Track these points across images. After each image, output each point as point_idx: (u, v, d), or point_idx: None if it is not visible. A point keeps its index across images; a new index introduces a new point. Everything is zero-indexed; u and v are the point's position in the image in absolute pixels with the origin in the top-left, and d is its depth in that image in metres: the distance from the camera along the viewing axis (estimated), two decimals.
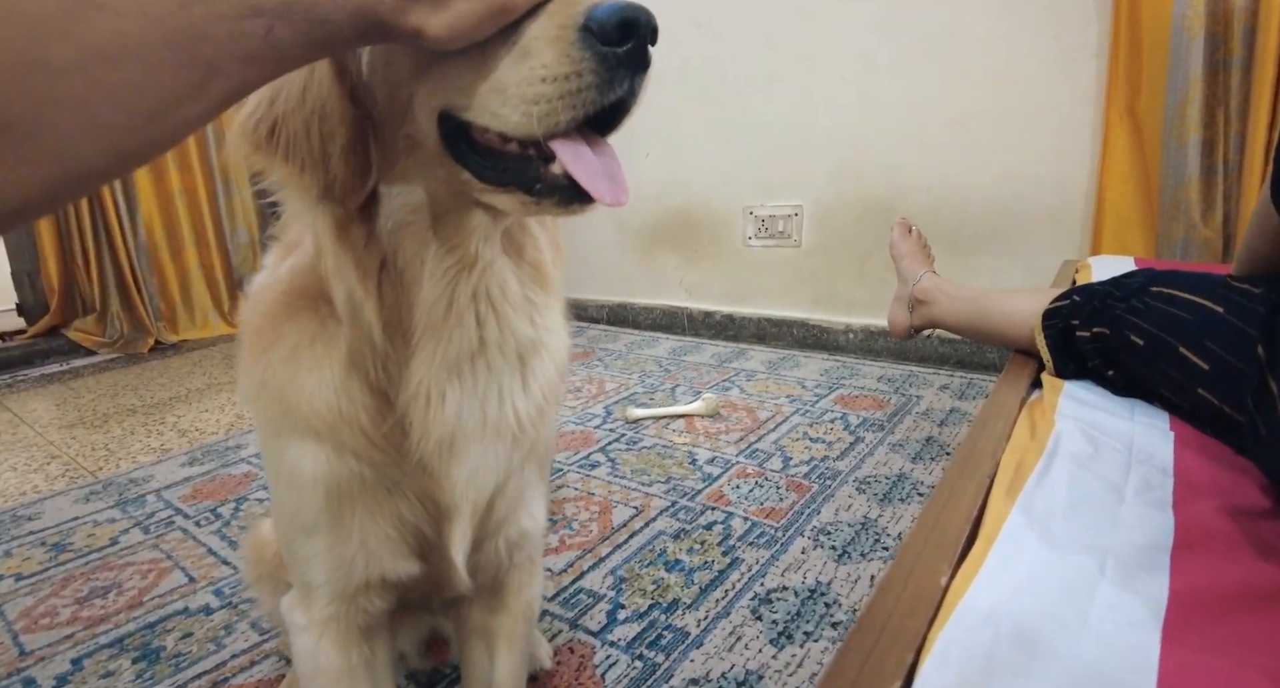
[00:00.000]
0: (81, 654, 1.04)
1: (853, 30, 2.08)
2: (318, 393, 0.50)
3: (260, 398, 0.52)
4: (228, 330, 3.24)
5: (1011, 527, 0.50)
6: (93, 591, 1.20)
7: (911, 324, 1.38)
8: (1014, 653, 0.37)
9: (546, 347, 0.55)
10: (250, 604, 1.13)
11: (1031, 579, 0.44)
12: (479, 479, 0.54)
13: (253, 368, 0.52)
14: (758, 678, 0.90)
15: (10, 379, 2.71)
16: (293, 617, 0.58)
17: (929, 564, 0.47)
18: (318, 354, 0.50)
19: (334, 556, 0.53)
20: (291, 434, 0.51)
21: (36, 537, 1.40)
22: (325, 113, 0.42)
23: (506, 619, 0.67)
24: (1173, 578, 0.44)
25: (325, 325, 0.50)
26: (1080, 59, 1.80)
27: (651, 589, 1.09)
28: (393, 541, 0.54)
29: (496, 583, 0.66)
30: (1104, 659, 0.37)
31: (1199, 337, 0.73)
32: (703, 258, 2.56)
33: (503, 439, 0.54)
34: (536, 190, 0.43)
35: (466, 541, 0.56)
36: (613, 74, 0.38)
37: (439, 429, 0.50)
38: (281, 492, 0.54)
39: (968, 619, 0.40)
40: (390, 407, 0.50)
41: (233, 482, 1.60)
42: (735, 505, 1.33)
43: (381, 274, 0.47)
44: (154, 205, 3.05)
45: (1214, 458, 0.64)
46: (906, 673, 0.38)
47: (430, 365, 0.49)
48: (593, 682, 0.91)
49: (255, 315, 0.54)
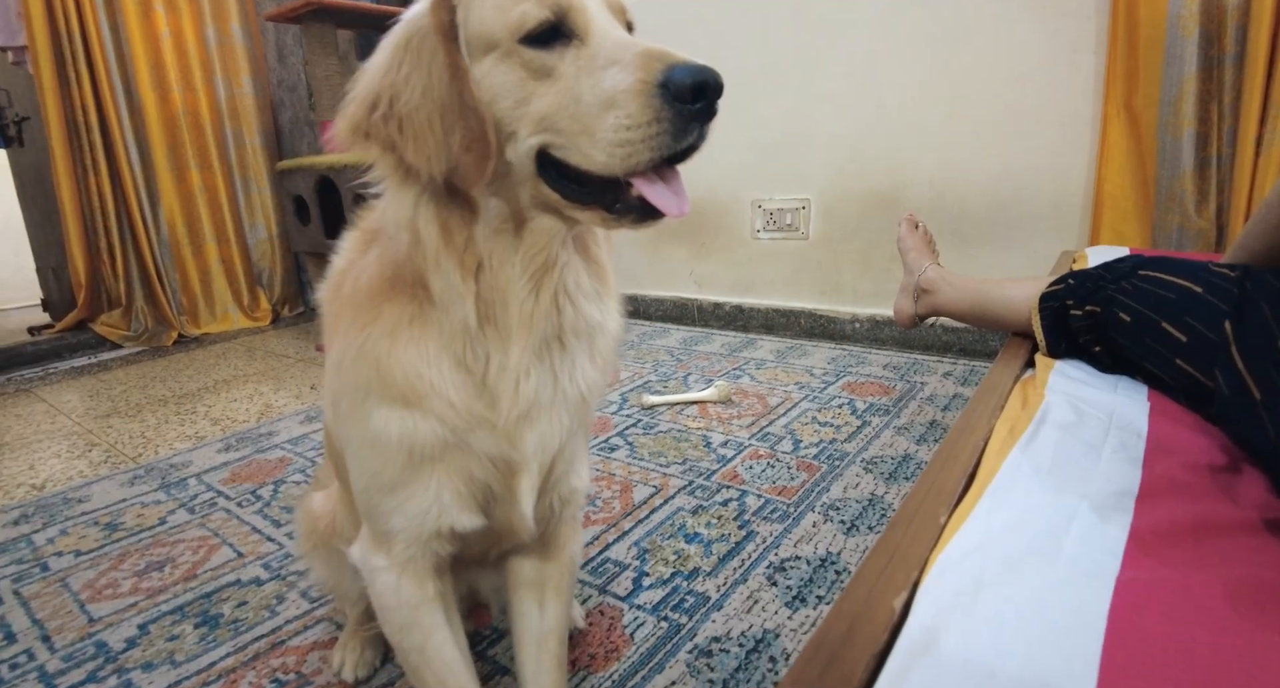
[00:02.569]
0: (146, 621, 1.12)
1: (853, 26, 2.14)
2: (411, 366, 0.57)
3: (357, 367, 0.59)
4: (247, 324, 3.33)
5: (1001, 479, 0.58)
6: (149, 565, 1.28)
7: (916, 313, 1.45)
8: (1000, 572, 0.45)
9: (605, 328, 0.64)
10: (298, 576, 1.21)
11: (1017, 519, 0.52)
12: (546, 442, 0.62)
13: (352, 340, 0.59)
14: (775, 636, 0.98)
15: (41, 372, 2.80)
16: (372, 561, 0.66)
17: (930, 508, 0.55)
18: (414, 333, 0.57)
19: (412, 507, 0.61)
20: (381, 400, 0.58)
21: (89, 517, 1.48)
22: (446, 108, 0.50)
23: (555, 570, 0.75)
24: (1136, 517, 0.52)
25: (421, 309, 0.57)
26: (1079, 55, 1.86)
27: (673, 559, 1.17)
28: (462, 496, 0.62)
29: (546, 537, 0.73)
30: (1073, 575, 0.44)
31: (1179, 313, 0.81)
32: (712, 250, 2.63)
33: (567, 408, 0.62)
34: (616, 209, 0.52)
35: (533, 493, 0.64)
36: (686, 124, 0.47)
37: (523, 403, 0.59)
38: (365, 451, 0.61)
39: (962, 548, 0.48)
40: (472, 381, 0.58)
41: (269, 466, 1.68)
42: (749, 484, 1.41)
43: (479, 273, 0.55)
44: (176, 202, 3.13)
45: (1184, 425, 0.72)
46: (911, 587, 0.45)
47: (524, 352, 0.58)
48: (623, 640, 0.99)
49: (353, 294, 0.60)
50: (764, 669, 0.92)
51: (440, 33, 0.50)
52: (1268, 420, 0.63)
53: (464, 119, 0.49)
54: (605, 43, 0.49)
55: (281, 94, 3.33)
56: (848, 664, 0.39)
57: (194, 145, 3.16)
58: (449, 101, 0.49)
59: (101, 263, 3.01)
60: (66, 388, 2.54)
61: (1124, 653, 0.37)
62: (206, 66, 3.16)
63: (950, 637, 0.39)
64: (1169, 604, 0.41)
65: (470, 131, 0.49)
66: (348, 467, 0.67)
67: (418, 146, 0.50)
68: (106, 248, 2.99)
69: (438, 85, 0.49)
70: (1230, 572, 0.44)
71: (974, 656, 0.38)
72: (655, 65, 0.46)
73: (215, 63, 3.18)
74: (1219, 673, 0.36)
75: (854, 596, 0.44)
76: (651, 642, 0.98)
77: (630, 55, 0.48)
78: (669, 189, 0.50)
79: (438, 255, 0.55)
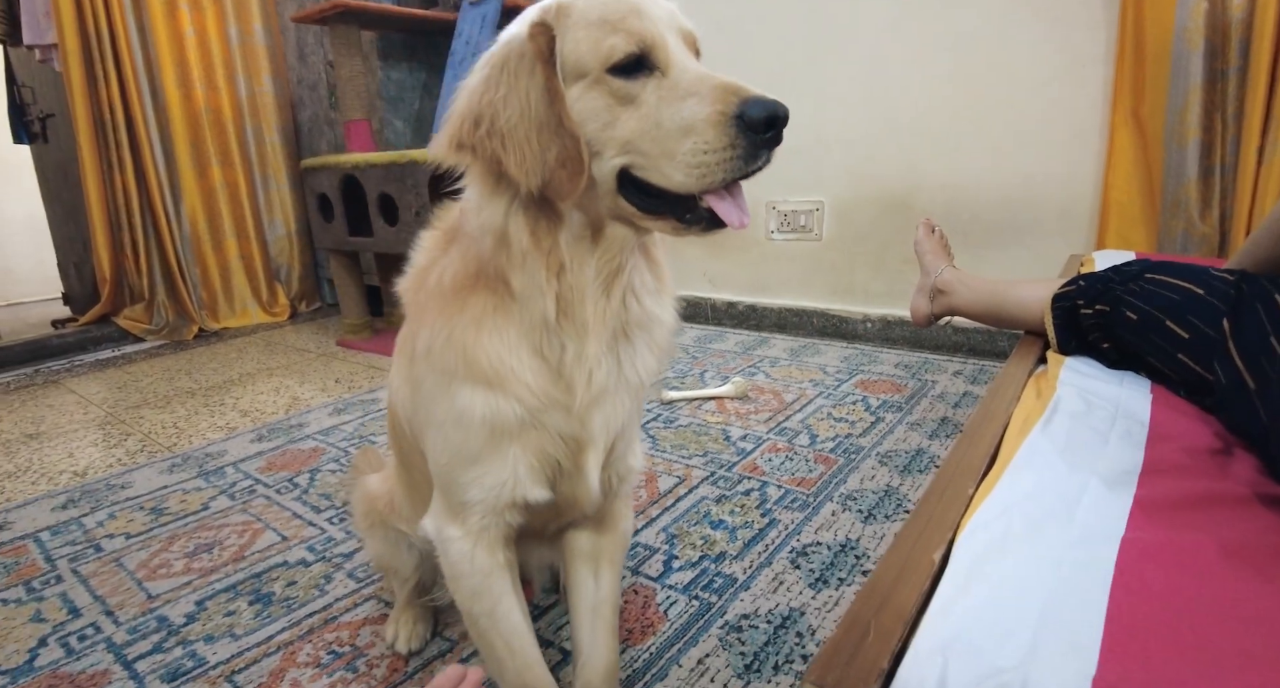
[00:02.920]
0: (202, 597, 1.18)
1: (867, 35, 2.21)
2: (495, 352, 0.64)
3: (445, 352, 0.65)
4: (266, 319, 3.39)
5: (1020, 458, 0.65)
6: (197, 547, 1.34)
7: (932, 312, 1.52)
8: (1022, 532, 0.52)
9: (663, 321, 0.71)
10: (344, 558, 1.27)
11: (1035, 490, 0.59)
12: (610, 423, 0.69)
13: (440, 328, 0.65)
14: (800, 614, 1.04)
15: (67, 364, 2.86)
16: (447, 531, 0.72)
17: (959, 482, 0.62)
18: (496, 323, 0.64)
19: (491, 479, 0.67)
20: (465, 382, 0.65)
21: (134, 502, 1.55)
22: (543, 127, 0.56)
23: (609, 542, 0.82)
24: (1139, 489, 0.59)
25: (502, 302, 0.64)
26: (1088, 65, 1.92)
27: (700, 544, 1.24)
28: (534, 470, 0.68)
29: (602, 511, 0.80)
30: (1084, 535, 0.51)
31: (1182, 312, 0.88)
32: (726, 251, 2.70)
33: (629, 392, 0.69)
34: (686, 219, 0.59)
35: (598, 467, 0.71)
36: (756, 151, 0.54)
37: (595, 389, 0.66)
38: (448, 428, 0.68)
39: (989, 513, 0.55)
40: (547, 368, 0.65)
41: (303, 455, 1.74)
42: (769, 476, 1.47)
43: (560, 274, 0.62)
44: (197, 198, 3.19)
45: (1183, 414, 0.79)
46: (947, 544, 0.53)
47: (598, 344, 0.65)
48: (658, 616, 1.05)
49: (438, 287, 0.67)
50: (791, 643, 0.98)
51: (540, 58, 0.56)
52: (1260, 407, 0.70)
53: (559, 138, 0.55)
54: (685, 76, 0.56)
55: (301, 92, 3.39)
56: (899, 603, 0.45)
57: (216, 142, 3.22)
58: (546, 121, 0.55)
59: (125, 258, 3.07)
60: (93, 380, 2.61)
61: (1128, 596, 0.44)
62: (229, 65, 3.22)
63: (982, 583, 0.46)
64: (1167, 558, 0.48)
65: (565, 150, 0.55)
66: (427, 443, 0.73)
67: (518, 161, 0.56)
68: (130, 243, 3.05)
69: (535, 106, 0.56)
70: (1222, 534, 0.50)
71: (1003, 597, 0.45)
72: (731, 98, 0.53)
73: (237, 61, 3.23)
74: (1210, 612, 0.43)
75: (899, 550, 0.51)
76: (685, 618, 1.05)
77: (707, 88, 0.54)
78: (734, 203, 0.57)
79: (525, 257, 0.61)
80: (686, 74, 0.56)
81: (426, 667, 0.99)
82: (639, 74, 0.56)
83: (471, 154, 0.58)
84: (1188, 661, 0.38)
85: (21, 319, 3.78)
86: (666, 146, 0.55)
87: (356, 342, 2.82)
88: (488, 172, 0.59)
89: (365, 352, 2.73)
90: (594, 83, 0.57)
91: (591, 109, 0.57)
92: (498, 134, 0.56)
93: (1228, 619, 0.42)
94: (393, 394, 0.84)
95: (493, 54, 0.59)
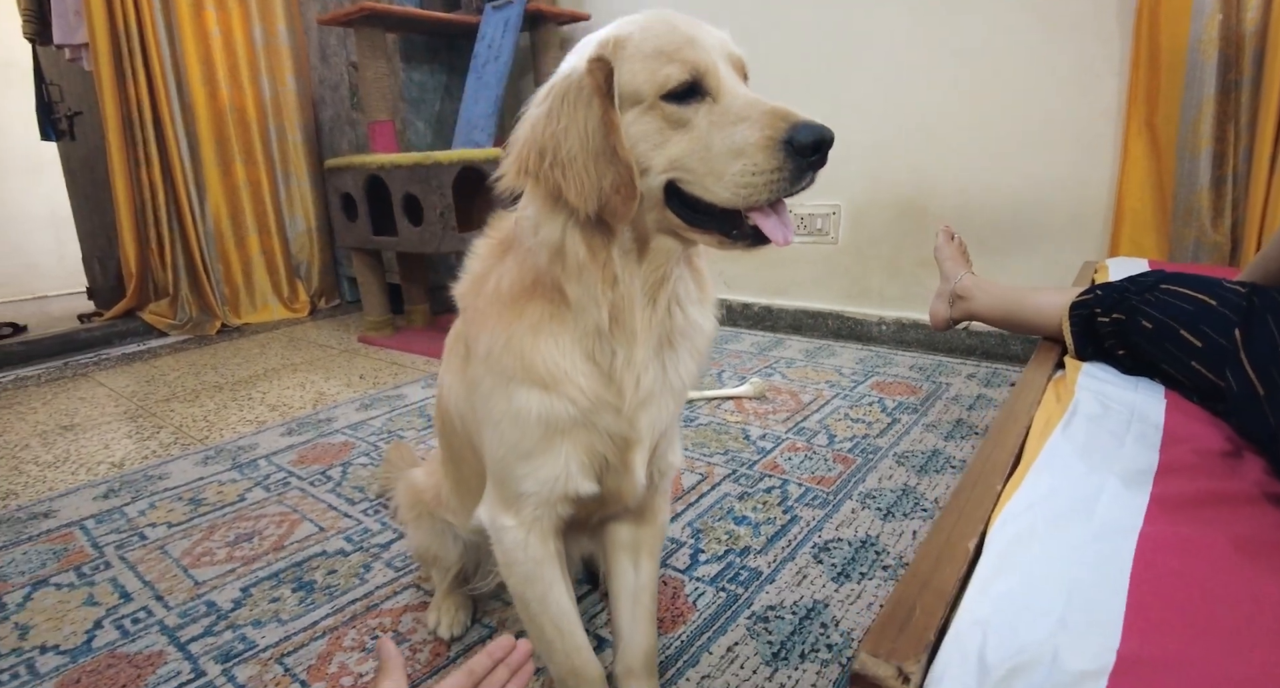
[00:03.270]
0: (247, 584, 1.23)
1: (884, 42, 2.25)
2: (550, 357, 0.68)
3: (504, 356, 0.70)
4: (286, 315, 3.45)
5: (1044, 458, 0.70)
6: (238, 536, 1.39)
7: (951, 317, 1.56)
8: (1047, 526, 0.57)
9: (703, 329, 0.76)
10: (381, 548, 1.32)
11: (1058, 488, 0.64)
12: (656, 423, 0.74)
13: (499, 333, 0.70)
14: (824, 606, 1.08)
15: (95, 357, 2.92)
16: (501, 521, 0.77)
17: (988, 479, 0.66)
18: (552, 330, 0.69)
19: (544, 473, 0.72)
20: (523, 383, 0.69)
21: (172, 493, 1.60)
22: (599, 156, 0.60)
23: (648, 534, 0.87)
24: (1155, 488, 0.63)
25: (557, 310, 0.69)
26: (1103, 75, 1.96)
27: (725, 538, 1.28)
28: (584, 466, 0.73)
29: (643, 505, 0.85)
30: (1104, 530, 0.56)
31: (1196, 322, 0.92)
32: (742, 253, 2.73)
33: (672, 396, 0.74)
34: (733, 234, 0.63)
35: (644, 464, 0.76)
36: (802, 173, 0.58)
37: (643, 392, 0.71)
38: (505, 426, 0.72)
39: (1016, 507, 0.60)
40: (599, 372, 0.69)
41: (334, 449, 1.79)
42: (789, 474, 1.52)
43: (613, 285, 0.66)
44: (221, 195, 3.25)
45: (1196, 418, 0.83)
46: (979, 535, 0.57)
47: (645, 351, 0.70)
48: (687, 606, 1.10)
49: (496, 295, 0.72)
50: (816, 633, 1.02)
51: (597, 91, 0.60)
52: (1270, 413, 0.75)
53: (614, 166, 0.60)
54: (735, 101, 0.60)
55: (323, 92, 3.44)
56: (939, 585, 0.50)
57: (239, 140, 3.28)
58: (602, 150, 0.60)
59: (150, 253, 3.13)
60: (121, 373, 2.66)
61: (1146, 581, 0.49)
62: (253, 65, 3.28)
63: (1013, 570, 0.51)
64: (1182, 549, 0.53)
65: (620, 177, 0.60)
66: (483, 439, 0.77)
67: (578, 188, 0.60)
68: (156, 238, 3.11)
69: (593, 137, 0.60)
70: (1233, 529, 0.55)
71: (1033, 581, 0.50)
72: (781, 123, 0.57)
73: (261, 61, 3.29)
74: (1223, 596, 0.48)
75: (936, 540, 0.56)
76: (713, 609, 1.09)
77: (758, 113, 0.58)
78: (780, 221, 0.61)
79: (581, 270, 0.66)
80: (737, 100, 0.60)
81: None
82: (691, 100, 0.61)
83: (535, 181, 0.63)
84: (1203, 636, 0.43)
85: (46, 313, 3.85)
86: (715, 167, 0.59)
87: (378, 339, 2.87)
88: (548, 195, 0.64)
89: (387, 348, 2.79)
90: (648, 109, 0.61)
91: (645, 132, 0.61)
92: (559, 165, 0.61)
93: (1240, 601, 0.46)
94: (444, 392, 0.89)
95: (554, 86, 0.64)
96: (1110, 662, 0.41)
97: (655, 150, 0.62)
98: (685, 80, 0.60)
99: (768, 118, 0.58)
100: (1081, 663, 0.42)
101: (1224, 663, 0.41)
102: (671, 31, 0.62)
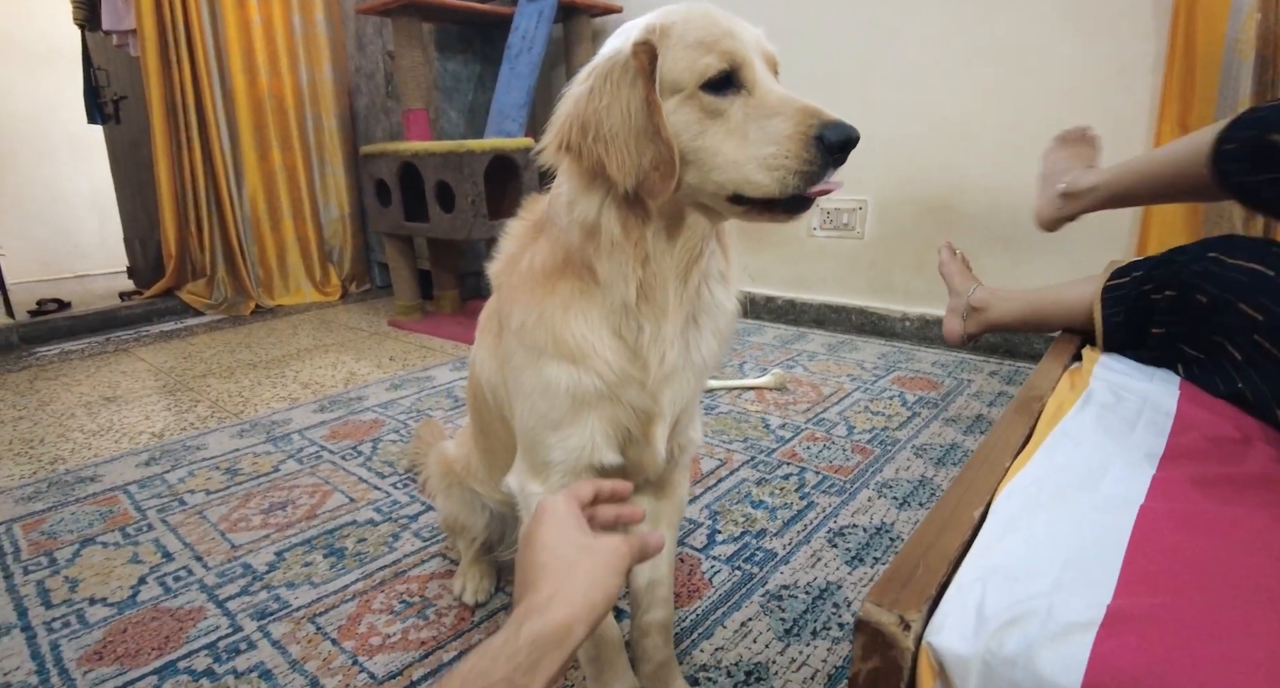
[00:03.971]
0: (281, 549, 1.29)
1: (914, 43, 2.25)
2: (579, 332, 0.72)
3: (536, 330, 0.73)
4: (318, 298, 3.53)
5: (1052, 439, 0.72)
6: (272, 505, 1.45)
7: (967, 332, 1.56)
8: (1051, 498, 0.59)
9: (726, 308, 0.79)
10: (409, 519, 1.37)
11: (1065, 465, 0.66)
12: (677, 398, 0.77)
13: (532, 309, 0.73)
14: (837, 587, 1.11)
15: (135, 334, 3.02)
16: (529, 487, 0.80)
17: (997, 456, 0.69)
18: (583, 307, 0.72)
19: (572, 442, 0.76)
20: (553, 357, 0.73)
21: (209, 463, 1.66)
22: (640, 134, 0.63)
23: (668, 506, 0.90)
24: (1160, 469, 0.65)
25: (587, 287, 0.72)
26: (1137, 74, 1.94)
27: (741, 521, 1.31)
28: (609, 437, 0.76)
29: (663, 479, 0.88)
30: (1107, 502, 0.58)
31: (1254, 294, 0.90)
32: (767, 246, 2.76)
33: (694, 373, 0.77)
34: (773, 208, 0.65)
35: (665, 438, 0.79)
36: (826, 168, 0.61)
37: (667, 368, 0.74)
38: (535, 397, 0.76)
39: (1023, 481, 0.63)
40: (625, 348, 0.73)
41: (365, 426, 1.85)
42: (807, 462, 1.54)
43: (645, 263, 0.70)
44: (258, 180, 3.33)
45: (1208, 409, 0.85)
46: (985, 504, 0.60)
47: (674, 327, 0.73)
48: (703, 583, 1.13)
49: (529, 272, 0.75)
50: (829, 612, 1.05)
51: (642, 73, 0.63)
52: None
53: (655, 144, 0.63)
54: (769, 96, 0.63)
55: (359, 81, 3.50)
56: (944, 547, 0.53)
57: (277, 127, 3.35)
58: (644, 129, 0.63)
59: (189, 235, 3.22)
60: (159, 350, 2.75)
61: (1143, 548, 0.51)
62: (292, 53, 3.35)
63: (1016, 535, 0.54)
64: (1180, 525, 0.55)
65: (660, 154, 0.63)
66: (514, 410, 0.81)
67: (619, 163, 0.63)
68: (195, 220, 3.19)
69: (636, 115, 0.63)
70: (1233, 509, 0.57)
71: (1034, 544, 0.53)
72: (812, 120, 0.60)
73: (300, 50, 3.36)
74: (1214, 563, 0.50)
75: (944, 508, 0.59)
76: (728, 586, 1.12)
77: (791, 109, 0.62)
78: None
79: (614, 247, 0.69)
80: (770, 95, 0.63)
81: (491, 617, 1.08)
82: (727, 91, 0.63)
83: (575, 155, 0.66)
84: (1191, 596, 0.45)
85: (89, 290, 3.97)
86: (751, 152, 0.62)
87: (408, 323, 2.93)
88: (587, 171, 0.67)
89: (416, 332, 2.84)
90: (687, 98, 0.64)
91: (684, 121, 0.64)
92: (602, 139, 0.64)
93: (1233, 569, 0.48)
94: (477, 367, 0.93)
95: (597, 66, 0.67)
96: (1100, 616, 0.44)
97: (695, 141, 0.64)
98: (724, 70, 0.63)
99: (800, 115, 0.61)
100: (1073, 616, 0.44)
101: (1209, 617, 0.43)
102: (712, 23, 0.65)
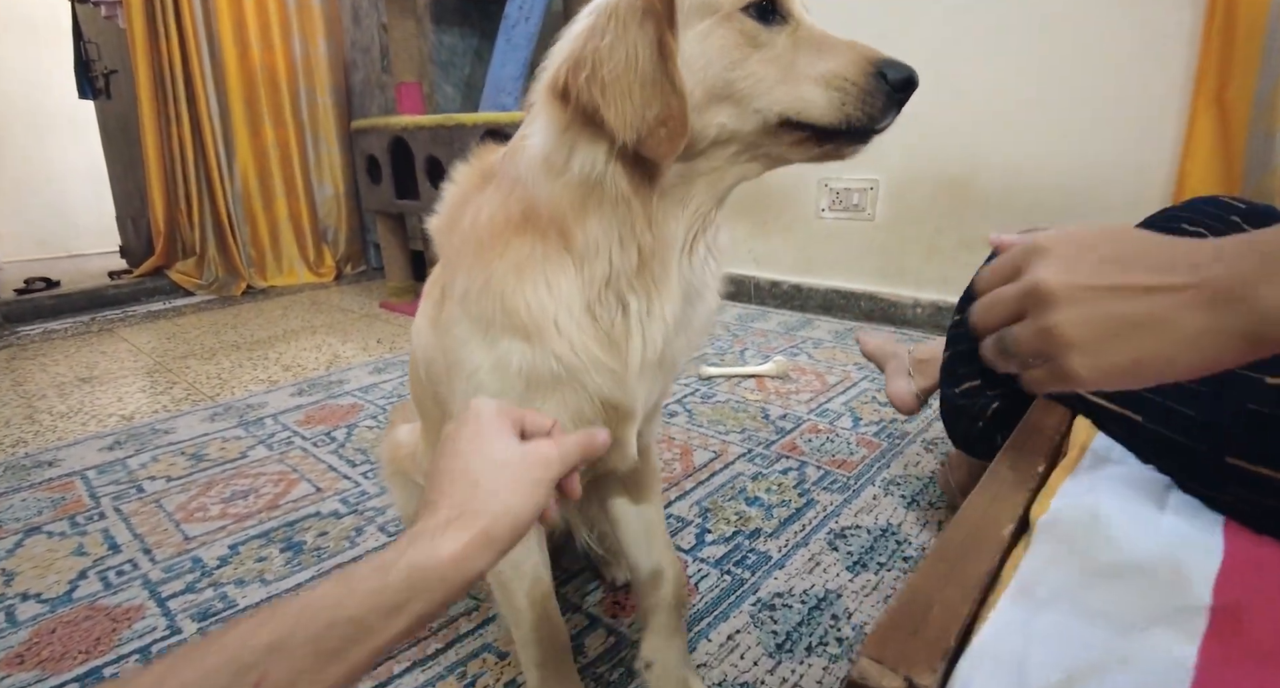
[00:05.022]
0: (235, 542, 1.19)
1: (936, 15, 2.11)
2: (535, 302, 0.60)
3: (482, 299, 0.62)
4: (311, 279, 3.43)
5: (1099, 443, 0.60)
6: (234, 493, 1.36)
7: (919, 387, 1.32)
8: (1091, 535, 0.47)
9: (712, 287, 0.70)
10: (376, 511, 1.27)
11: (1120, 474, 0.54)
12: (651, 393, 0.68)
13: (477, 274, 0.62)
14: (836, 596, 1.00)
15: (122, 313, 2.93)
16: None
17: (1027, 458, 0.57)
18: (545, 272, 0.60)
19: None
20: (504, 332, 0.62)
21: (175, 447, 1.57)
22: (646, 82, 0.52)
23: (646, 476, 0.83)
24: None
25: (553, 252, 0.60)
26: (1170, 44, 1.81)
27: (734, 519, 1.21)
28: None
29: (632, 473, 0.80)
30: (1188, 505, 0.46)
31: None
32: (773, 229, 2.63)
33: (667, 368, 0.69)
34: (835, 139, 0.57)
35: (634, 436, 0.70)
36: (886, 111, 0.54)
37: (654, 354, 0.64)
38: (485, 374, 0.64)
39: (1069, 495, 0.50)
40: (597, 328, 0.62)
41: (341, 411, 1.75)
42: (808, 456, 1.43)
43: (650, 227, 0.59)
44: (250, 157, 3.22)
45: None
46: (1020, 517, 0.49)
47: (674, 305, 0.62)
48: (688, 589, 1.03)
49: (474, 229, 0.63)
50: (826, 625, 0.95)
51: (651, 12, 0.53)
52: None
53: (663, 96, 0.52)
54: (814, 31, 0.55)
55: (355, 55, 3.39)
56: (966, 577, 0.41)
57: (269, 102, 3.24)
58: (651, 76, 0.52)
59: (179, 212, 3.13)
60: (144, 330, 2.67)
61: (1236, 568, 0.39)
62: (285, 25, 3.23)
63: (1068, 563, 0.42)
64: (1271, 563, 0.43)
65: (668, 108, 0.52)
66: (453, 391, 0.70)
67: (617, 111, 0.53)
68: (184, 198, 3.10)
69: (642, 59, 0.52)
70: None
71: None
72: (871, 55, 0.53)
73: (293, 22, 3.25)
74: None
75: (963, 524, 0.47)
76: (716, 593, 1.02)
77: (844, 45, 0.54)
78: None
79: (616, 204, 0.58)
80: (815, 31, 0.55)
81: (451, 623, 0.98)
82: (772, 20, 0.55)
83: (563, 101, 0.56)
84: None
85: (82, 269, 3.89)
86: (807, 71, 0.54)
87: (399, 305, 2.84)
88: (582, 118, 0.56)
89: (408, 315, 2.74)
90: (724, 19, 0.54)
91: (719, 47, 0.54)
92: (598, 82, 0.53)
93: None
94: (417, 340, 0.82)
95: (602, 1, 0.56)
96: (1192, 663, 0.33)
97: (732, 70, 0.54)
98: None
99: (855, 52, 0.54)
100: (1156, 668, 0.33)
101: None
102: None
